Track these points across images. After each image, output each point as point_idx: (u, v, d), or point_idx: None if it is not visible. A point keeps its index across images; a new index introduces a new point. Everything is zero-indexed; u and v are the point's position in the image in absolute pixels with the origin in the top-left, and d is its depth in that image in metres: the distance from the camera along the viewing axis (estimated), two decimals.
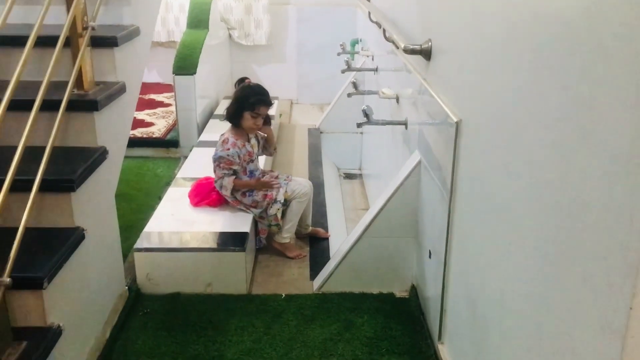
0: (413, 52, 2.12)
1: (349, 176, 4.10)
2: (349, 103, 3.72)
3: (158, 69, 5.41)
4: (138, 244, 2.44)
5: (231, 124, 2.68)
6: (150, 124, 4.43)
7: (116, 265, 2.28)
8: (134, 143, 3.94)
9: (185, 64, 4.05)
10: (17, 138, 1.60)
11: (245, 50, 5.22)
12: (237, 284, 2.42)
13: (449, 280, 1.88)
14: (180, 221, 2.62)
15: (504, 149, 1.35)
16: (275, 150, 2.88)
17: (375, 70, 3.46)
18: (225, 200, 2.72)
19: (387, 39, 2.67)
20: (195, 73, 4.02)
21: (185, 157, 3.60)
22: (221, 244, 2.46)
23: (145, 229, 2.55)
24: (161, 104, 4.91)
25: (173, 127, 4.32)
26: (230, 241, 2.48)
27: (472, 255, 1.63)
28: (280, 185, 2.66)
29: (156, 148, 4.14)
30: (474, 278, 1.61)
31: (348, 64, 3.57)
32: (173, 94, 4.13)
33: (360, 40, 4.46)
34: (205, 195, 2.74)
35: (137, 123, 4.38)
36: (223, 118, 2.75)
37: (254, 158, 2.71)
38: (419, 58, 2.18)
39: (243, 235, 2.51)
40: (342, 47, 3.95)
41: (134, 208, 3.22)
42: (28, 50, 1.62)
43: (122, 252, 2.36)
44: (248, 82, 2.72)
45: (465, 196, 1.69)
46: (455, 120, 1.71)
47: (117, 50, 2.14)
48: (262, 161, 3.11)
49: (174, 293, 2.40)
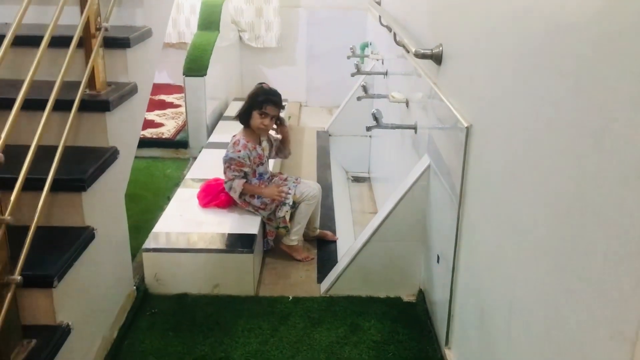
0: (424, 57, 2.12)
1: (357, 179, 4.10)
2: (358, 106, 3.72)
3: (168, 70, 5.44)
4: (146, 244, 2.45)
5: (243, 126, 2.69)
6: (160, 125, 4.45)
7: (125, 265, 2.29)
8: (143, 143, 3.94)
9: (196, 66, 4.07)
10: (30, 137, 1.61)
11: (256, 52, 5.23)
12: (245, 286, 2.42)
13: (457, 285, 1.87)
14: (189, 222, 2.63)
15: (515, 154, 1.35)
16: (289, 153, 2.88)
17: (385, 74, 3.46)
18: (233, 202, 2.73)
19: (398, 43, 2.67)
20: (205, 74, 4.04)
21: (195, 158, 3.62)
22: (229, 246, 2.47)
23: (154, 230, 2.57)
24: (171, 105, 4.93)
25: (183, 128, 4.34)
26: (238, 243, 2.49)
27: (481, 260, 1.63)
28: (287, 198, 2.65)
29: (166, 149, 4.16)
30: (483, 283, 1.61)
31: (358, 67, 3.57)
32: (183, 95, 4.15)
33: (370, 44, 4.46)
34: (214, 196, 2.75)
35: (147, 124, 4.40)
36: (234, 117, 2.76)
37: (264, 161, 2.71)
38: (429, 62, 2.18)
39: (251, 236, 2.51)
40: (352, 51, 3.96)
41: (143, 208, 3.24)
42: (42, 50, 1.63)
43: (131, 252, 2.37)
44: (263, 85, 2.72)
45: (474, 201, 1.69)
46: (465, 125, 1.71)
47: (129, 51, 2.16)
48: (272, 163, 3.12)
49: (181, 293, 2.41)
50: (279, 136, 2.82)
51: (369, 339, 2.16)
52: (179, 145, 4.16)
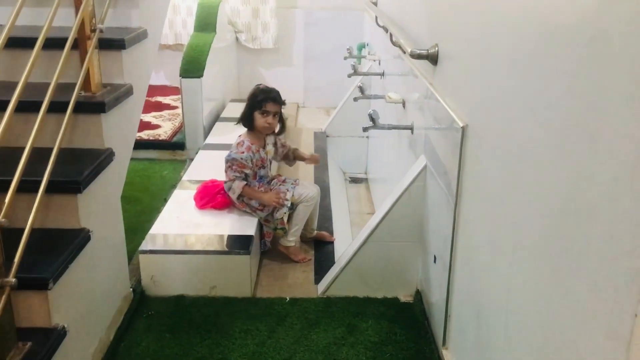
0: (420, 57, 2.12)
1: (354, 180, 4.09)
2: (355, 107, 3.71)
3: (165, 72, 5.43)
4: (143, 246, 2.45)
5: (247, 129, 2.69)
6: (157, 127, 4.44)
7: (121, 267, 2.29)
8: (140, 145, 3.95)
9: (192, 67, 4.06)
10: (25, 139, 1.61)
11: (252, 53, 5.23)
12: (242, 287, 2.42)
13: (453, 285, 1.87)
14: (186, 223, 2.62)
15: (510, 154, 1.35)
16: (294, 163, 2.93)
17: (382, 74, 3.46)
18: (230, 203, 2.73)
19: (394, 44, 2.67)
20: (202, 76, 4.03)
21: (191, 160, 3.61)
22: (226, 247, 2.47)
23: (151, 231, 2.56)
24: (168, 107, 4.93)
25: (179, 130, 4.33)
26: (235, 244, 2.48)
27: (478, 260, 1.63)
28: (285, 203, 2.64)
29: (162, 150, 4.15)
30: (479, 283, 1.61)
31: (354, 68, 3.57)
32: (180, 96, 4.14)
33: (367, 45, 4.46)
34: (211, 197, 2.74)
35: (144, 125, 4.39)
36: (236, 122, 2.74)
37: (266, 165, 2.71)
38: (425, 63, 2.18)
39: (248, 238, 2.51)
40: (349, 51, 3.96)
41: (140, 210, 3.23)
42: (36, 52, 1.63)
43: (127, 254, 2.36)
44: (261, 87, 2.72)
45: (470, 201, 1.69)
46: (461, 125, 1.71)
47: (125, 53, 2.15)
48: (274, 166, 3.12)
49: (178, 295, 2.40)
50: (288, 147, 2.84)
51: (367, 339, 2.16)
52: (175, 146, 4.16)
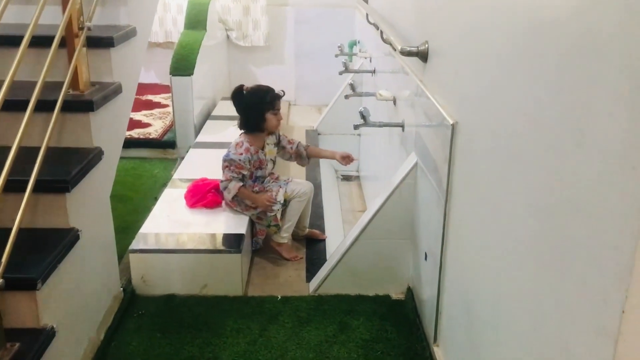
0: (410, 54, 2.12)
1: (346, 178, 4.09)
2: (347, 105, 3.71)
3: (155, 70, 5.40)
4: (133, 245, 2.43)
5: (245, 131, 2.66)
6: (147, 125, 4.42)
7: (111, 267, 2.27)
8: (130, 144, 3.93)
9: (183, 65, 4.04)
10: (12, 138, 1.59)
11: (243, 51, 5.21)
12: (233, 286, 2.41)
13: (444, 282, 1.87)
14: (176, 222, 2.61)
15: (500, 151, 1.35)
16: (308, 163, 2.89)
17: (373, 72, 3.46)
18: (221, 202, 2.72)
19: (385, 41, 2.67)
20: (192, 74, 4.01)
21: (182, 158, 3.60)
22: (217, 246, 2.46)
23: (141, 230, 2.55)
24: (158, 105, 4.90)
25: (170, 128, 4.31)
26: (226, 243, 2.48)
27: (468, 257, 1.63)
28: (275, 205, 2.63)
29: (153, 149, 4.13)
30: (469, 280, 1.61)
31: (346, 65, 3.57)
32: (170, 94, 4.13)
33: (358, 42, 4.46)
34: (202, 196, 2.73)
35: (134, 124, 4.37)
36: (240, 127, 2.69)
37: (264, 166, 2.70)
38: (415, 60, 2.18)
39: (239, 236, 2.50)
40: (340, 49, 3.95)
41: (130, 209, 3.22)
42: (23, 50, 1.61)
43: (118, 253, 2.35)
44: (246, 88, 2.69)
45: (460, 198, 1.69)
46: (451, 122, 1.71)
47: (114, 51, 2.14)
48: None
49: (169, 294, 2.39)
50: (294, 142, 2.81)
51: (358, 337, 2.16)
52: (166, 145, 4.14)
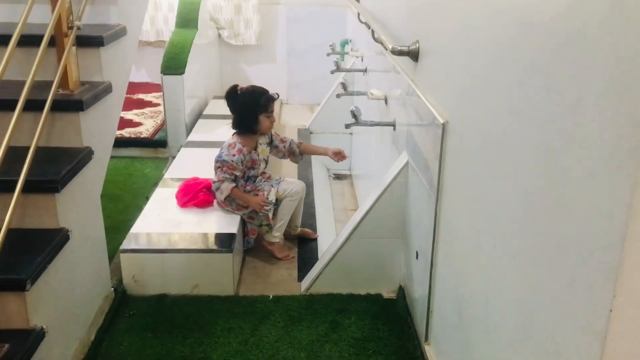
0: (401, 54, 2.12)
1: (338, 177, 4.09)
2: (339, 104, 3.71)
3: (147, 69, 5.37)
4: (124, 245, 2.42)
5: (245, 132, 2.66)
6: (139, 124, 4.40)
7: (102, 267, 2.26)
8: (121, 143, 3.92)
9: (174, 64, 4.02)
10: (0, 138, 1.58)
11: (235, 50, 5.20)
12: (224, 286, 2.41)
13: (435, 281, 1.88)
14: (167, 222, 2.60)
15: (490, 150, 1.35)
16: (302, 159, 2.90)
17: (365, 71, 3.46)
18: (212, 201, 2.71)
19: (376, 40, 2.67)
20: (183, 73, 4.00)
21: (174, 158, 3.58)
22: (208, 245, 2.45)
23: (132, 230, 2.53)
24: (149, 104, 4.88)
25: (161, 127, 4.30)
26: (217, 242, 2.47)
27: (458, 256, 1.64)
28: (267, 208, 2.63)
29: (144, 148, 4.12)
30: (460, 279, 1.61)
31: (337, 64, 3.57)
32: (161, 93, 4.11)
33: (350, 41, 4.46)
34: (193, 195, 2.72)
35: (125, 123, 4.35)
36: (233, 127, 2.67)
37: (257, 166, 2.69)
38: (407, 59, 2.18)
39: (230, 236, 2.50)
40: (332, 48, 3.95)
41: (121, 208, 3.20)
42: (11, 49, 1.60)
43: (109, 253, 2.34)
44: (240, 89, 2.68)
45: (451, 197, 1.70)
46: (442, 121, 1.71)
47: (103, 50, 2.13)
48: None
49: (160, 294, 2.38)
50: (286, 140, 2.82)
51: (350, 336, 2.16)
52: (157, 144, 4.12)
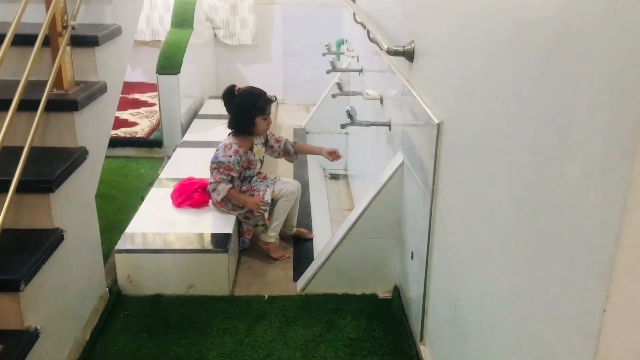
0: (396, 54, 2.12)
1: (334, 177, 4.09)
2: (335, 104, 3.71)
3: (142, 68, 5.36)
4: (119, 245, 2.42)
5: (234, 132, 2.65)
6: (134, 124, 4.39)
7: (97, 267, 2.26)
8: (117, 143, 3.91)
9: (169, 64, 4.02)
10: None
11: (231, 50, 5.19)
12: (220, 286, 2.41)
13: (430, 281, 1.88)
14: (163, 222, 2.60)
15: (485, 151, 1.36)
16: (297, 158, 2.91)
17: (360, 71, 3.46)
18: (207, 201, 2.71)
19: (372, 40, 2.67)
20: (179, 72, 3.99)
21: (169, 158, 3.58)
22: (203, 245, 2.45)
23: (127, 230, 2.53)
24: (145, 104, 4.87)
25: (157, 127, 4.29)
26: (212, 242, 2.47)
27: (453, 256, 1.64)
28: (265, 211, 2.62)
29: (139, 148, 4.10)
30: (455, 279, 1.62)
31: (333, 64, 3.57)
32: (157, 93, 4.10)
33: (346, 41, 4.46)
34: (188, 195, 2.72)
35: (121, 123, 4.34)
36: (229, 127, 2.67)
37: (253, 166, 2.69)
38: (402, 59, 2.18)
39: (226, 236, 2.50)
40: (328, 48, 3.95)
41: (116, 209, 3.19)
42: (5, 48, 1.60)
43: (104, 253, 2.33)
44: (238, 89, 2.67)
45: (446, 198, 1.70)
46: (437, 121, 1.71)
47: (98, 50, 2.12)
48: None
49: (155, 295, 2.38)
50: (281, 140, 2.82)
51: (345, 336, 2.16)
52: (153, 144, 4.11)
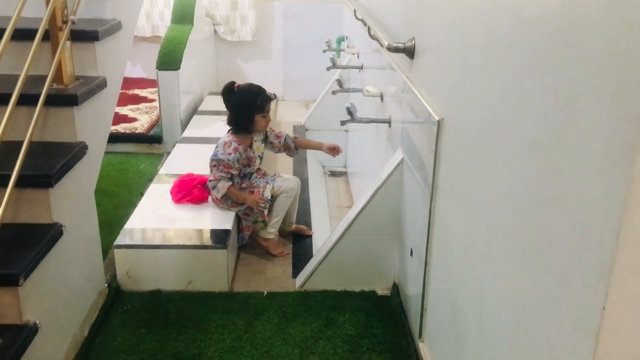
0: (397, 50, 2.12)
1: (333, 174, 4.09)
2: (335, 100, 3.70)
3: (142, 64, 5.36)
4: (118, 241, 2.42)
5: (233, 130, 2.65)
6: (134, 120, 4.39)
7: (96, 262, 2.25)
8: (116, 138, 3.90)
9: (169, 59, 4.01)
10: None
11: (231, 46, 5.18)
12: (219, 282, 2.41)
13: (429, 278, 1.88)
14: (162, 218, 2.60)
15: (485, 148, 1.35)
16: (297, 153, 2.91)
17: (361, 68, 3.46)
18: (207, 197, 2.71)
19: (372, 37, 2.66)
20: (179, 68, 3.99)
21: (169, 153, 3.57)
22: (203, 241, 2.45)
23: (126, 226, 2.53)
24: (145, 100, 4.87)
25: (156, 123, 4.28)
26: (212, 238, 2.47)
27: (453, 253, 1.64)
28: (265, 208, 2.63)
29: (139, 144, 4.10)
30: (454, 276, 1.62)
31: (333, 61, 3.56)
32: (157, 89, 4.09)
33: (346, 38, 4.45)
34: (187, 191, 2.72)
35: (120, 118, 4.33)
36: (228, 123, 2.67)
37: (252, 163, 2.69)
38: (402, 56, 2.18)
39: (225, 232, 2.50)
40: (328, 45, 3.94)
41: (116, 204, 3.19)
42: (5, 42, 1.59)
43: (103, 249, 2.33)
44: (237, 86, 2.67)
45: (446, 195, 1.70)
46: (437, 119, 1.71)
47: (98, 45, 2.12)
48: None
49: (154, 290, 2.38)
50: (281, 135, 2.82)
51: (344, 333, 2.16)
52: (152, 140, 4.11)
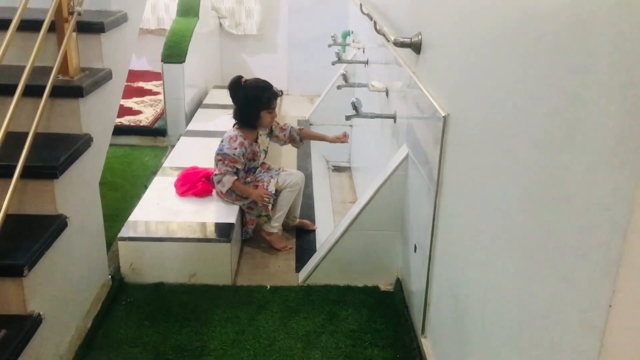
0: (403, 45, 2.11)
1: (337, 169, 4.09)
2: (339, 95, 3.69)
3: (147, 57, 5.35)
4: (122, 233, 2.42)
5: (238, 125, 2.64)
6: (138, 112, 4.39)
7: (99, 254, 2.26)
8: (121, 131, 3.90)
9: (174, 52, 4.01)
10: None
11: (236, 39, 5.17)
12: (222, 275, 2.41)
13: (433, 274, 1.88)
14: (166, 211, 2.60)
15: (491, 144, 1.35)
16: (302, 144, 2.91)
17: (366, 62, 3.45)
18: (211, 191, 2.71)
19: (378, 32, 2.65)
20: (184, 61, 3.98)
21: (173, 146, 3.57)
22: (206, 235, 2.45)
23: (130, 218, 2.53)
24: (150, 92, 4.87)
25: (161, 116, 4.28)
26: (215, 232, 2.47)
27: (457, 250, 1.63)
28: (269, 202, 2.62)
29: (143, 136, 4.10)
30: (458, 273, 1.61)
31: (339, 55, 3.55)
32: (162, 82, 4.09)
33: (352, 32, 4.43)
34: (192, 185, 2.72)
35: (125, 111, 4.33)
36: (234, 117, 2.66)
37: (257, 157, 2.68)
38: (409, 51, 2.17)
39: (229, 225, 2.50)
40: (333, 39, 3.93)
41: (120, 197, 3.20)
42: (11, 33, 1.59)
43: (107, 241, 2.33)
44: (244, 81, 2.66)
45: (451, 191, 1.69)
46: (443, 114, 1.70)
47: (104, 37, 2.11)
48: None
49: (157, 283, 2.38)
50: (286, 128, 2.81)
51: (346, 327, 2.16)
52: (157, 133, 4.11)
